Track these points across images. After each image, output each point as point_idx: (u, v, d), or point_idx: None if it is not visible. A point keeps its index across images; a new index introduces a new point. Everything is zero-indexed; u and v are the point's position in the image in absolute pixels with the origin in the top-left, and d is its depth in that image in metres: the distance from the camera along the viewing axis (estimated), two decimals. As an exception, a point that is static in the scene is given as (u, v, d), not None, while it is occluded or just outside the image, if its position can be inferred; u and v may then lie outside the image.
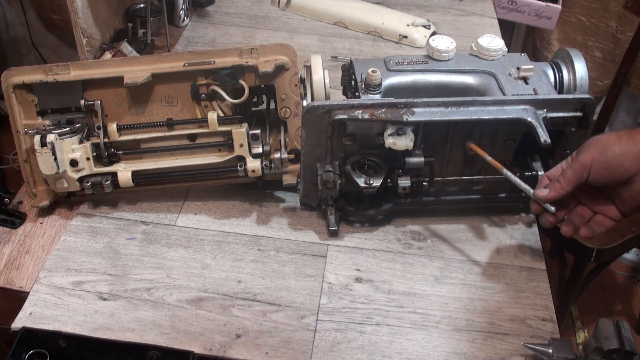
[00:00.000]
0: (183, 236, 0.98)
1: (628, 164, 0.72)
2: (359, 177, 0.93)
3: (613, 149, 0.73)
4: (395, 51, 1.44)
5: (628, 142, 0.73)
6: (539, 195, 0.80)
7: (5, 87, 0.95)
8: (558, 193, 0.79)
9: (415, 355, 0.83)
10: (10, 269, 0.93)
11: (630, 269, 2.20)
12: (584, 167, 0.76)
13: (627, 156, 0.72)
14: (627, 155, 0.72)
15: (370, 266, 0.95)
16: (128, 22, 1.40)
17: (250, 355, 0.82)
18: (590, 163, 0.75)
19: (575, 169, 0.77)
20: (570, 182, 0.77)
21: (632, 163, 0.72)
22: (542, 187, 0.82)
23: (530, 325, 0.87)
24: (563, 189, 0.78)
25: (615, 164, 0.73)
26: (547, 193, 0.80)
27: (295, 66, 0.97)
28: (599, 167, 0.75)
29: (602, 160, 0.74)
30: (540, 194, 0.80)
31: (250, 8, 1.58)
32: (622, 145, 0.73)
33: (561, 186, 0.78)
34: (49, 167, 0.93)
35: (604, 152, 0.74)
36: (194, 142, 0.99)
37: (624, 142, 0.73)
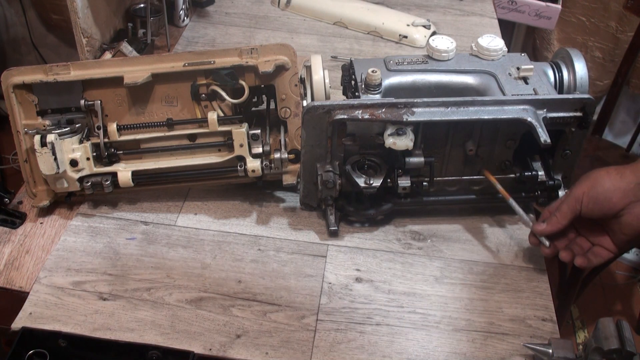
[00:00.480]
0: (183, 236, 0.98)
1: (616, 199, 0.76)
2: (359, 177, 0.93)
3: (602, 184, 0.77)
4: (395, 51, 1.44)
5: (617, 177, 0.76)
6: (537, 229, 0.85)
7: (5, 87, 0.95)
8: (555, 227, 0.83)
9: (415, 355, 0.83)
10: (10, 269, 0.93)
11: (630, 269, 2.20)
12: (576, 201, 0.80)
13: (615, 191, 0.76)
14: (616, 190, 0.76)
15: (370, 266, 0.95)
16: (128, 22, 1.40)
17: (250, 355, 0.82)
18: (582, 197, 0.79)
19: (569, 203, 0.81)
20: (566, 216, 0.82)
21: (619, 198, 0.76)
22: (542, 220, 0.87)
23: (530, 325, 0.87)
24: (559, 223, 0.83)
25: (604, 198, 0.77)
26: (544, 227, 0.84)
27: (295, 66, 0.97)
28: (589, 201, 0.79)
29: (592, 195, 0.78)
30: (538, 228, 0.85)
31: (250, 8, 1.58)
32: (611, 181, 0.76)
33: (557, 220, 0.83)
34: (49, 167, 0.93)
35: (594, 186, 0.78)
36: (194, 142, 0.99)
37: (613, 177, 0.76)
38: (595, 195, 0.78)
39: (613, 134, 2.16)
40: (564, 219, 0.82)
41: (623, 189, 0.76)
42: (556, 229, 0.84)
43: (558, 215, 0.83)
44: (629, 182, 0.76)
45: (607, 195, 0.77)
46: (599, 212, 0.79)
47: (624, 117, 2.15)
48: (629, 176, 0.76)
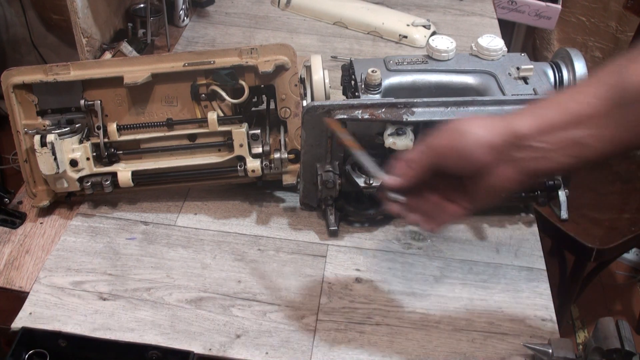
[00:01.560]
0: (183, 236, 0.98)
1: (479, 154, 0.64)
2: (359, 177, 0.93)
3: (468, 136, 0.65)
4: (395, 51, 1.44)
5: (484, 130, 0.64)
6: (389, 182, 0.72)
7: (5, 87, 0.95)
8: (408, 181, 0.70)
9: (415, 355, 0.83)
10: (10, 269, 0.93)
11: (630, 269, 2.20)
12: (434, 152, 0.68)
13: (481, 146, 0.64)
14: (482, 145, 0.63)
15: (370, 266, 0.95)
16: (128, 22, 1.40)
17: (250, 355, 0.82)
18: (442, 149, 0.67)
19: (423, 154, 0.69)
20: (422, 168, 0.69)
21: (484, 154, 0.63)
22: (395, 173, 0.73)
23: (530, 325, 0.87)
24: (413, 177, 0.70)
25: (466, 153, 0.64)
26: (395, 180, 0.71)
27: (295, 66, 0.97)
28: (448, 154, 0.66)
29: (452, 147, 0.66)
30: (389, 182, 0.72)
31: (250, 8, 1.58)
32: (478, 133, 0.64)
33: (410, 173, 0.70)
34: (49, 167, 0.93)
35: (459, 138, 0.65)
36: (194, 142, 0.99)
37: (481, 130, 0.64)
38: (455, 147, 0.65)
39: (613, 134, 2.15)
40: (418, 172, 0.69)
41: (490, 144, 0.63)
42: (410, 184, 0.70)
43: (412, 167, 0.70)
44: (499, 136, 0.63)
45: (469, 149, 0.64)
46: (460, 168, 0.66)
47: (624, 117, 2.15)
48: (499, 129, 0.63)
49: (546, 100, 0.63)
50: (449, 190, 0.70)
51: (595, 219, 1.58)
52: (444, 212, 0.71)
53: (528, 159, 0.62)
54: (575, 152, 0.61)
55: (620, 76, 0.58)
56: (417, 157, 0.69)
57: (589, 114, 0.59)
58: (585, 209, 1.60)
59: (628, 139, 0.59)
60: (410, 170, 0.70)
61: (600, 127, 0.59)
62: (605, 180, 1.71)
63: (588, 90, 0.60)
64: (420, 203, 0.72)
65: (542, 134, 0.61)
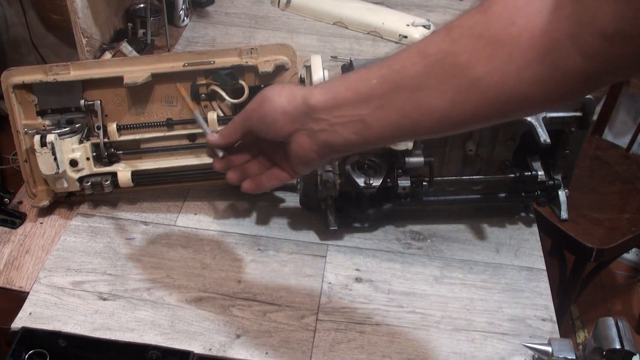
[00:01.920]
0: (183, 236, 0.99)
1: (282, 123, 0.67)
2: (359, 177, 0.93)
3: (271, 104, 0.68)
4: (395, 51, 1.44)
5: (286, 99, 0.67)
6: (210, 139, 0.76)
7: (5, 87, 0.95)
8: (225, 139, 0.75)
9: (415, 355, 0.83)
10: (10, 269, 0.93)
11: (630, 269, 2.21)
12: (247, 116, 0.71)
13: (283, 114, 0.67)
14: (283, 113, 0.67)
15: (370, 266, 0.95)
16: (128, 22, 1.40)
17: (250, 355, 0.82)
18: (251, 114, 0.70)
19: (241, 117, 0.72)
20: (236, 130, 0.73)
21: (285, 122, 0.67)
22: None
23: (530, 325, 0.87)
24: (230, 136, 0.74)
25: (271, 120, 0.68)
26: (216, 138, 0.76)
27: (295, 66, 0.97)
28: (258, 120, 0.69)
29: (260, 114, 0.69)
30: (210, 138, 0.76)
31: (250, 8, 1.58)
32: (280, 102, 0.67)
33: (228, 133, 0.74)
34: (48, 167, 0.93)
35: (263, 105, 0.68)
36: (194, 142, 0.99)
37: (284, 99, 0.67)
38: (262, 114, 0.68)
39: (613, 134, 2.16)
40: (235, 133, 0.73)
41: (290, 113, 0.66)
42: (226, 142, 0.75)
43: (229, 127, 0.74)
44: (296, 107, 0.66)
45: (273, 117, 0.67)
46: (267, 134, 0.70)
47: (624, 117, 2.15)
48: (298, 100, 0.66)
49: (343, 76, 0.66)
50: (274, 154, 0.74)
51: (595, 219, 1.58)
52: (269, 175, 0.74)
53: (319, 131, 0.65)
54: (358, 129, 0.63)
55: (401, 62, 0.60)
56: (235, 118, 0.73)
57: (369, 94, 0.61)
58: (585, 209, 1.60)
59: (408, 125, 0.61)
60: (228, 130, 0.74)
61: (378, 107, 0.61)
62: (605, 180, 1.72)
63: (376, 70, 0.62)
64: (248, 164, 0.76)
65: (331, 108, 0.64)
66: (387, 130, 0.62)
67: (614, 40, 0.49)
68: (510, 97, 0.56)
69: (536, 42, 0.53)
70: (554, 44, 0.52)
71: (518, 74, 0.54)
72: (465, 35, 0.56)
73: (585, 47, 0.51)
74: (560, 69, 0.53)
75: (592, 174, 1.73)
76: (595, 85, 0.54)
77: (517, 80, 0.54)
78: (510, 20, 0.53)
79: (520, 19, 0.53)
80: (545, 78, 0.54)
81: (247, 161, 0.77)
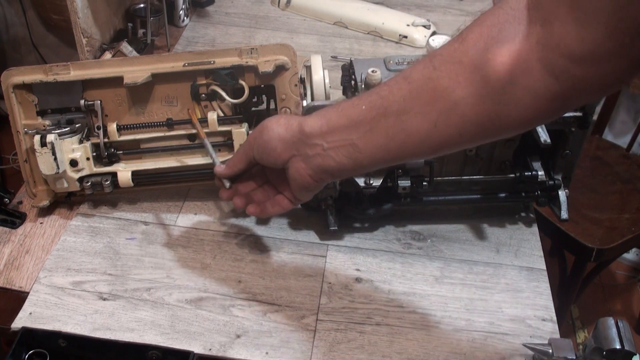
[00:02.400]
0: (183, 236, 0.99)
1: (280, 150, 0.72)
2: (358, 177, 0.93)
3: (270, 132, 0.73)
4: (395, 51, 1.44)
5: (283, 127, 0.72)
6: (216, 170, 0.83)
7: (5, 87, 0.95)
8: (231, 170, 0.80)
9: (415, 355, 0.83)
10: (10, 269, 0.93)
11: (630, 269, 2.21)
12: (249, 146, 0.77)
13: (280, 142, 0.72)
14: (280, 140, 0.72)
15: (370, 266, 0.95)
16: (128, 22, 1.40)
17: (250, 355, 0.82)
18: (252, 143, 0.76)
19: (244, 147, 0.78)
20: (241, 159, 0.79)
21: (283, 150, 0.72)
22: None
23: (530, 325, 0.87)
24: (235, 166, 0.80)
25: (270, 147, 0.73)
26: (222, 169, 0.82)
27: (295, 66, 0.97)
28: (257, 148, 0.75)
29: (260, 142, 0.74)
30: (217, 169, 0.83)
31: (250, 8, 1.58)
32: (278, 130, 0.72)
33: (233, 163, 0.80)
34: (49, 167, 0.93)
35: (262, 133, 0.74)
36: (194, 142, 0.99)
37: (281, 127, 0.72)
38: (262, 143, 0.74)
39: (613, 134, 2.16)
40: (239, 163, 0.79)
41: (287, 140, 0.71)
42: (232, 172, 0.81)
43: (235, 158, 0.80)
44: (292, 134, 0.71)
45: (272, 145, 0.73)
46: (268, 161, 0.75)
47: (624, 117, 2.15)
48: (294, 128, 0.71)
49: (335, 104, 0.70)
50: (278, 182, 0.80)
51: (595, 219, 1.58)
52: (273, 202, 0.80)
53: (314, 155, 0.70)
54: (349, 152, 0.68)
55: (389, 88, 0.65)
56: (239, 149, 0.79)
57: (359, 119, 0.66)
58: (585, 209, 1.60)
59: (394, 148, 0.65)
60: (233, 161, 0.80)
61: (368, 131, 0.66)
62: (605, 180, 1.72)
63: (366, 97, 0.66)
64: (253, 192, 0.83)
65: (325, 133, 0.68)
66: (376, 153, 0.67)
67: (581, 61, 0.52)
68: (488, 118, 0.60)
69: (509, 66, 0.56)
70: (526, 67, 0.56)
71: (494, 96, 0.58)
72: (446, 62, 0.60)
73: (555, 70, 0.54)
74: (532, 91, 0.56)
75: (592, 174, 1.73)
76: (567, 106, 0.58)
77: (493, 102, 0.58)
78: (485, 47, 0.58)
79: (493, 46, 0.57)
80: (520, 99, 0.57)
81: (253, 189, 0.83)
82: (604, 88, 0.55)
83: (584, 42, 0.51)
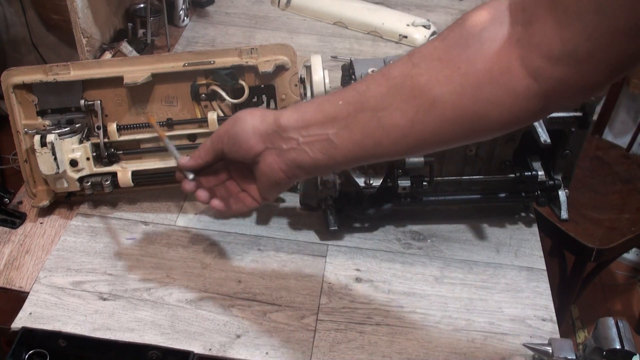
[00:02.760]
0: (183, 236, 0.99)
1: (254, 142, 0.70)
2: (358, 177, 0.93)
3: (244, 124, 0.71)
4: (395, 51, 1.44)
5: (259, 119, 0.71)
6: (180, 162, 0.80)
7: (5, 87, 0.95)
8: (196, 162, 0.78)
9: (415, 355, 0.83)
10: (10, 269, 0.93)
11: (630, 269, 2.21)
12: (219, 138, 0.74)
13: (254, 133, 0.70)
14: (255, 132, 0.70)
15: (370, 266, 0.95)
16: (128, 22, 1.40)
17: (250, 355, 0.82)
18: (223, 135, 0.74)
19: (212, 139, 0.76)
20: (208, 152, 0.76)
21: (257, 142, 0.70)
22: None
23: (530, 325, 0.87)
24: (200, 158, 0.77)
25: (242, 139, 0.71)
26: (186, 160, 0.79)
27: (295, 66, 0.97)
28: (229, 140, 0.73)
29: (232, 133, 0.72)
30: (181, 162, 0.80)
31: (250, 8, 1.58)
32: (253, 121, 0.71)
33: (199, 155, 0.77)
34: (49, 167, 0.93)
35: (235, 124, 0.72)
36: (194, 142, 0.99)
37: (256, 119, 0.71)
38: (234, 134, 0.72)
39: (613, 134, 2.16)
40: (206, 155, 0.76)
41: (261, 132, 0.70)
42: (197, 164, 0.78)
43: (200, 150, 0.77)
44: (267, 126, 0.69)
45: (245, 137, 0.71)
46: (238, 154, 0.72)
47: (624, 117, 2.15)
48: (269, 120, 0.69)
49: (313, 99, 0.70)
50: (243, 180, 0.78)
51: (595, 219, 1.58)
52: (237, 199, 0.78)
53: (288, 149, 0.68)
54: (324, 148, 0.66)
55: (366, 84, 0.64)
56: (205, 141, 0.77)
57: (335, 114, 0.65)
58: (585, 209, 1.60)
59: (370, 145, 0.64)
60: (198, 152, 0.77)
61: (343, 127, 0.65)
62: (605, 180, 1.72)
63: (343, 93, 0.65)
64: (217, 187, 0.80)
65: (300, 127, 0.67)
66: (351, 149, 0.65)
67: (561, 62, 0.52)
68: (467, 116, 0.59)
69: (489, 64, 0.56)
70: (506, 66, 0.55)
71: (473, 94, 0.58)
72: (426, 59, 0.60)
73: (534, 69, 0.54)
74: (511, 90, 0.56)
75: (592, 174, 1.73)
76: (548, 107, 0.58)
77: (472, 100, 0.58)
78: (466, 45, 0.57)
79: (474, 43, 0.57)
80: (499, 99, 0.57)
81: (216, 185, 0.80)
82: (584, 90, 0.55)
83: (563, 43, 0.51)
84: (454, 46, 0.58)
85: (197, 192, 0.79)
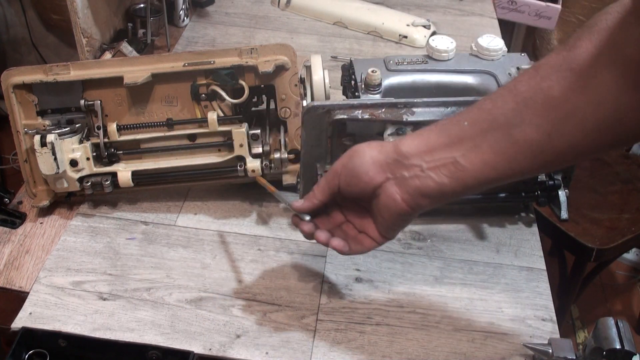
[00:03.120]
0: (183, 236, 0.99)
1: (373, 173, 0.68)
2: (359, 177, 0.93)
3: (361, 156, 0.69)
4: (395, 51, 1.44)
5: (376, 150, 0.69)
6: (294, 205, 0.77)
7: (5, 87, 0.95)
8: (312, 203, 0.74)
9: (415, 355, 0.83)
10: (10, 269, 0.93)
11: (630, 269, 2.20)
12: (335, 174, 0.72)
13: (373, 164, 0.68)
14: (374, 163, 0.68)
15: (370, 266, 0.95)
16: (128, 22, 1.40)
17: (250, 355, 0.82)
18: (340, 170, 0.71)
19: (327, 177, 0.73)
20: (323, 191, 0.73)
21: (376, 172, 0.68)
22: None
23: (530, 325, 0.87)
24: (316, 198, 0.74)
25: (361, 171, 0.69)
26: (301, 203, 0.76)
27: (295, 66, 0.97)
28: (347, 174, 0.70)
29: (349, 167, 0.70)
30: (295, 204, 0.76)
31: (250, 8, 1.58)
32: (370, 153, 0.68)
33: (314, 195, 0.74)
34: (49, 167, 0.93)
35: (352, 158, 0.69)
36: (194, 142, 0.99)
37: (373, 150, 0.69)
38: (352, 167, 0.69)
39: (613, 134, 2.16)
40: (321, 194, 0.73)
41: (381, 163, 0.67)
42: (313, 205, 0.74)
43: (316, 190, 0.74)
44: (387, 155, 0.67)
45: (364, 168, 0.68)
46: (358, 187, 0.69)
47: (624, 117, 2.15)
48: (388, 150, 0.67)
49: (431, 125, 0.67)
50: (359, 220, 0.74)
51: (595, 219, 1.58)
52: (356, 240, 0.75)
53: (411, 177, 0.66)
54: (451, 172, 0.64)
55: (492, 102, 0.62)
56: (320, 181, 0.74)
57: (462, 136, 0.63)
58: (585, 209, 1.60)
59: (503, 163, 0.62)
60: (313, 193, 0.74)
61: (472, 148, 0.62)
62: (605, 180, 1.71)
63: (466, 114, 0.64)
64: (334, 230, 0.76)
65: (423, 153, 0.65)
66: (482, 170, 0.63)
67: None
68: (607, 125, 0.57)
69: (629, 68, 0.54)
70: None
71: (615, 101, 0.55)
72: (555, 70, 0.58)
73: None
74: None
75: (592, 174, 1.73)
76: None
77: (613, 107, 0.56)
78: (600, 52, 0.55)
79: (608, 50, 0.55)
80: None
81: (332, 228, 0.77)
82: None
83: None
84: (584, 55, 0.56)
85: (316, 233, 0.75)
